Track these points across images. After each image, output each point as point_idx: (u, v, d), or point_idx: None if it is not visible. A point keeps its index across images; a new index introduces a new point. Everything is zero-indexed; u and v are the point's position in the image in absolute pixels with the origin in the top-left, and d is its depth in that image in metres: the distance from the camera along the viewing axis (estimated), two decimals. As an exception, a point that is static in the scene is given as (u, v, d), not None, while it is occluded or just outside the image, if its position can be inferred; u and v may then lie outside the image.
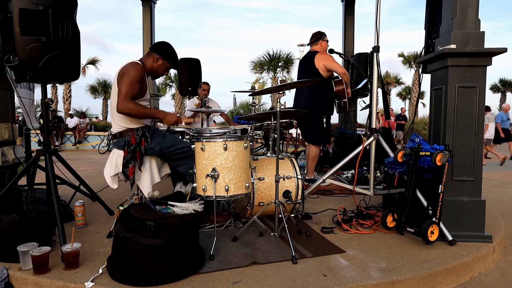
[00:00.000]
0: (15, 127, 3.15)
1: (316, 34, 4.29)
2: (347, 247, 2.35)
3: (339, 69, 4.08)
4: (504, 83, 27.95)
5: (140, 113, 2.45)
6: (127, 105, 2.38)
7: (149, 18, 6.30)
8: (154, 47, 2.70)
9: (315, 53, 4.17)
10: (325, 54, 4.16)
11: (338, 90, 4.16)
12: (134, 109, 2.40)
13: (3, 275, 1.95)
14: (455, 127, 2.50)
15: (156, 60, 2.62)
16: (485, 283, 2.18)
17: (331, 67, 4.06)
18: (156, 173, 2.66)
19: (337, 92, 4.17)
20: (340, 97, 4.21)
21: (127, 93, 2.38)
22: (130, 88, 2.40)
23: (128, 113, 2.42)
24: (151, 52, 2.65)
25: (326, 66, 4.07)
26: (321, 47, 4.23)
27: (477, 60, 2.44)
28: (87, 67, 24.15)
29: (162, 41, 2.71)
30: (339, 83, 4.15)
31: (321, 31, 4.30)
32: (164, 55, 2.63)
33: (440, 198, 2.41)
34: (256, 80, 23.93)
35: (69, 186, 3.07)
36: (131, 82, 2.41)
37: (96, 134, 14.00)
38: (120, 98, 2.37)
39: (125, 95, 2.37)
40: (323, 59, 4.09)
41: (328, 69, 4.08)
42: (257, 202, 2.67)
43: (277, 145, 2.46)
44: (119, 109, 2.39)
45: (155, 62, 2.62)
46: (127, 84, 2.39)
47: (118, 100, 2.39)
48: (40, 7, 2.19)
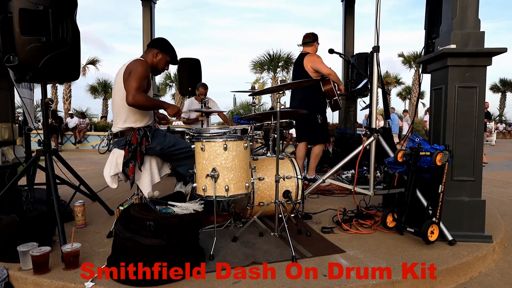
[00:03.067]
0: (15, 127, 3.15)
1: (312, 35, 4.32)
2: (347, 247, 2.35)
3: (325, 70, 4.09)
4: (504, 83, 27.98)
5: (149, 104, 2.52)
6: (139, 97, 2.43)
7: (149, 18, 6.30)
8: (151, 43, 2.76)
9: (305, 55, 4.23)
10: (313, 55, 4.21)
11: (327, 90, 4.20)
12: (144, 100, 2.46)
13: (3, 275, 1.95)
14: (455, 127, 2.50)
15: (156, 54, 2.66)
16: (485, 283, 2.18)
17: (317, 68, 4.10)
18: (156, 173, 2.67)
19: (325, 92, 4.21)
20: (330, 96, 4.25)
21: (138, 86, 2.44)
22: (140, 83, 2.46)
23: (139, 105, 2.47)
24: (149, 48, 2.69)
25: (313, 68, 4.12)
26: (314, 49, 4.29)
27: (477, 60, 2.44)
28: (87, 67, 24.15)
29: (159, 37, 2.77)
30: (327, 82, 4.18)
31: (314, 33, 4.34)
32: (162, 48, 2.68)
33: (440, 198, 2.41)
34: (256, 80, 23.94)
35: (69, 186, 3.07)
36: (140, 77, 2.47)
37: (96, 134, 13.99)
38: (132, 91, 2.42)
39: (137, 88, 2.43)
40: (310, 60, 4.15)
41: (315, 70, 4.12)
42: (257, 202, 2.67)
43: (277, 145, 2.46)
44: (131, 101, 2.43)
45: (155, 57, 2.66)
46: (138, 78, 2.45)
47: (129, 93, 2.43)
48: (40, 7, 2.19)
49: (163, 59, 2.69)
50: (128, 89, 2.43)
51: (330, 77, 4.12)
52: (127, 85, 2.45)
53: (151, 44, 2.73)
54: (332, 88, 4.17)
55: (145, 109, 2.56)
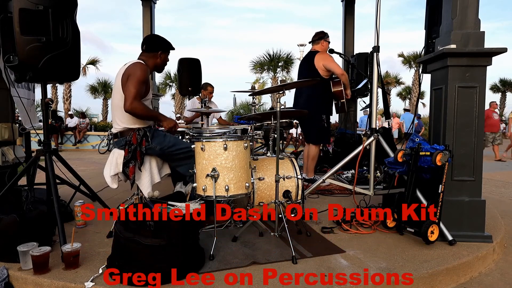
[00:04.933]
0: (15, 127, 3.15)
1: (319, 33, 4.29)
2: (347, 247, 2.35)
3: (337, 70, 4.08)
4: (504, 83, 27.94)
5: (145, 114, 2.51)
6: (137, 105, 2.42)
7: (149, 18, 6.30)
8: (150, 46, 2.68)
9: (315, 53, 4.17)
10: (325, 54, 4.16)
11: (336, 91, 4.18)
12: (141, 109, 2.46)
13: (3, 275, 1.95)
14: (455, 127, 2.50)
15: (159, 56, 2.68)
16: (485, 283, 2.18)
17: (330, 67, 4.07)
18: (156, 173, 2.67)
19: (334, 93, 4.19)
20: (338, 97, 4.23)
21: (136, 93, 2.43)
22: (139, 88, 2.45)
23: (135, 113, 2.46)
24: (150, 51, 2.66)
25: (325, 66, 4.08)
26: (322, 47, 4.23)
27: (477, 60, 2.44)
28: (87, 67, 24.13)
29: (150, 35, 2.77)
30: (337, 84, 4.16)
31: (324, 31, 4.30)
32: (163, 48, 2.70)
33: (440, 198, 2.41)
34: (256, 80, 23.93)
35: (69, 186, 3.07)
36: (139, 82, 2.46)
37: (96, 134, 14.00)
38: (130, 98, 2.41)
39: (135, 95, 2.42)
40: (323, 59, 4.10)
41: (327, 69, 4.09)
42: (257, 202, 2.67)
43: (277, 145, 2.46)
44: (128, 109, 2.42)
45: (159, 58, 2.68)
46: (136, 84, 2.44)
47: (127, 100, 2.42)
48: (40, 7, 2.19)
49: (166, 57, 2.74)
50: (127, 95, 2.42)
51: (342, 78, 4.11)
52: (126, 90, 2.44)
53: (151, 47, 2.66)
54: (342, 90, 4.15)
55: (140, 118, 2.52)
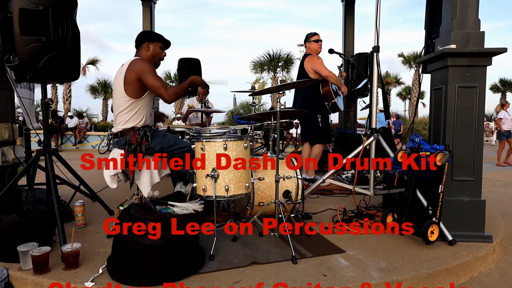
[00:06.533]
0: (15, 127, 3.15)
1: (305, 36, 4.35)
2: (347, 247, 2.35)
3: (323, 72, 4.10)
4: (504, 83, 27.92)
5: (181, 91, 2.62)
6: (171, 91, 2.53)
7: (149, 18, 6.29)
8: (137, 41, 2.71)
9: (306, 56, 4.26)
10: (313, 57, 4.22)
11: (324, 92, 4.20)
12: (176, 92, 2.57)
13: (3, 275, 1.95)
14: (455, 127, 2.50)
15: (147, 47, 2.65)
16: (485, 283, 2.18)
17: (316, 69, 4.12)
18: (156, 173, 2.66)
19: (324, 94, 4.21)
20: (328, 98, 4.24)
21: (161, 84, 2.50)
22: (158, 79, 2.52)
23: (177, 98, 2.59)
24: (138, 46, 2.68)
25: (313, 69, 4.14)
26: (310, 49, 4.30)
27: (477, 60, 2.44)
28: (87, 67, 24.13)
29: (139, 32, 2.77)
30: (325, 84, 4.19)
31: (309, 33, 4.34)
32: (149, 38, 2.69)
33: (440, 198, 2.41)
34: (256, 80, 23.91)
35: (69, 186, 3.07)
36: (154, 73, 2.52)
37: (96, 134, 14.00)
38: (161, 91, 2.49)
39: (161, 86, 2.50)
40: (310, 62, 4.17)
41: (314, 71, 4.14)
42: (257, 202, 2.67)
43: (277, 145, 2.45)
44: (169, 100, 2.53)
45: (148, 50, 2.66)
46: (153, 77, 2.49)
47: (161, 95, 2.51)
48: (40, 7, 2.19)
49: (155, 47, 2.67)
50: (158, 92, 2.50)
51: (329, 79, 4.13)
52: (152, 88, 2.50)
53: (138, 41, 2.69)
54: (329, 90, 4.16)
55: (181, 96, 2.68)
